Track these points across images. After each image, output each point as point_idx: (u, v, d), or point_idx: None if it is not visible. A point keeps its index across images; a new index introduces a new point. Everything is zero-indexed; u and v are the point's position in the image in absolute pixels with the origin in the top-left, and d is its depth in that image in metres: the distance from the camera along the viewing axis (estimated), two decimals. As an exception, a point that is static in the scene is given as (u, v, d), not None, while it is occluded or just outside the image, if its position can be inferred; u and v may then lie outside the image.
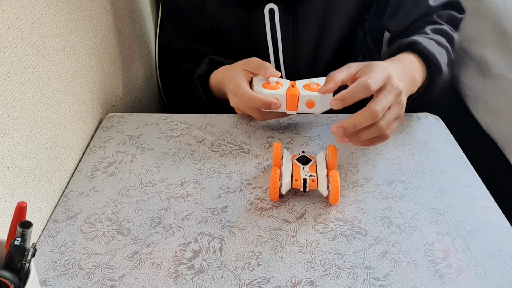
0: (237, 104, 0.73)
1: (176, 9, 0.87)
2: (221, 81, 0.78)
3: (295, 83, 0.71)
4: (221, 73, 0.79)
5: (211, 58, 0.83)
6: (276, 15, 0.80)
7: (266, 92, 0.69)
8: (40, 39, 0.59)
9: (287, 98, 0.68)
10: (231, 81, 0.72)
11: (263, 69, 0.69)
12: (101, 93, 0.79)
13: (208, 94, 0.85)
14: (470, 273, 0.52)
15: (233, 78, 0.72)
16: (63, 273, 0.52)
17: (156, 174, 0.67)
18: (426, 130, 0.74)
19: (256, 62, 0.71)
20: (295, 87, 0.69)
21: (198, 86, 0.84)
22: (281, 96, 0.68)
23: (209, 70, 0.83)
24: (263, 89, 0.69)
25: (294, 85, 0.70)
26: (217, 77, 0.80)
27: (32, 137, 0.57)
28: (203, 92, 0.84)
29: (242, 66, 0.73)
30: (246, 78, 0.71)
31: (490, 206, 0.60)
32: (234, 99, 0.72)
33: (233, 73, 0.73)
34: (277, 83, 0.70)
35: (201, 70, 0.83)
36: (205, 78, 0.84)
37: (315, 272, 0.52)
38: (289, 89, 0.69)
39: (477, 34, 1.03)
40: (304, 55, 0.85)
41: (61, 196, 0.63)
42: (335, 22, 0.83)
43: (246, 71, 0.72)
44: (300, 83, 0.70)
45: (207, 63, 0.83)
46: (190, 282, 0.51)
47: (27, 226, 0.38)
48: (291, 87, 0.69)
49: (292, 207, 0.61)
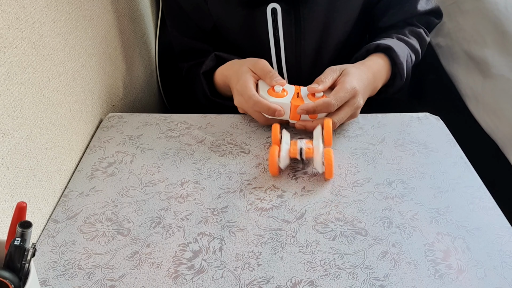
0: (241, 104, 0.74)
1: (178, 8, 0.87)
2: (227, 76, 0.79)
3: (300, 90, 0.72)
4: (228, 68, 0.79)
5: (216, 54, 0.83)
6: (279, 14, 0.80)
7: (271, 100, 0.71)
8: (40, 39, 0.59)
9: (291, 107, 0.70)
10: (238, 80, 0.73)
11: (269, 77, 0.71)
12: (101, 93, 0.79)
13: (213, 91, 0.85)
14: (470, 273, 0.52)
15: (240, 78, 0.73)
16: (63, 273, 0.52)
17: (156, 174, 0.67)
18: (426, 130, 0.74)
19: (263, 68, 0.73)
20: (300, 97, 0.72)
21: (203, 82, 0.84)
22: (286, 105, 0.70)
23: (214, 66, 0.84)
24: (268, 96, 0.71)
25: (299, 93, 0.72)
26: (223, 72, 0.81)
27: (32, 137, 0.57)
28: (208, 89, 0.84)
29: (250, 66, 0.74)
30: (253, 79, 0.73)
31: (490, 206, 0.60)
32: (239, 99, 0.73)
33: (240, 72, 0.74)
34: (282, 90, 0.72)
35: (206, 66, 0.83)
36: (210, 75, 0.85)
37: (315, 272, 0.52)
38: (294, 98, 0.71)
39: (477, 34, 1.03)
40: (306, 55, 0.85)
41: (61, 196, 0.63)
42: (338, 22, 0.83)
43: (253, 72, 0.73)
44: (305, 91, 0.72)
45: (213, 59, 0.83)
46: (190, 282, 0.51)
47: (27, 226, 0.38)
48: (295, 96, 0.72)
49: (292, 207, 0.61)
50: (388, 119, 0.77)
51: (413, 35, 0.86)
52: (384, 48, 0.80)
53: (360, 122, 0.76)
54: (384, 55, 0.80)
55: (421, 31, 0.87)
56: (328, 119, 0.68)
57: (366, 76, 0.74)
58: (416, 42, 0.86)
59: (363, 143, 0.72)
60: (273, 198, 0.62)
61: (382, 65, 0.80)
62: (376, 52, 0.81)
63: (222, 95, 0.86)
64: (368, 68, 0.77)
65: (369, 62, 0.79)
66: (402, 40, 0.84)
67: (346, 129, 0.75)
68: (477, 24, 1.03)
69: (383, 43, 0.80)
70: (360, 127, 0.75)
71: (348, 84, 0.70)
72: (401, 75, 0.80)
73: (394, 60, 0.79)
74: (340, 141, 0.72)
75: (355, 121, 0.76)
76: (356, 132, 0.74)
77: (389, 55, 0.80)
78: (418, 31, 0.87)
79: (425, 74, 1.38)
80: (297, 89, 0.73)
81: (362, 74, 0.74)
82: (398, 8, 0.85)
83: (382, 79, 0.80)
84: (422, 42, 0.87)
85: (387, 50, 0.80)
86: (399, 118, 0.77)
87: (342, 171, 0.66)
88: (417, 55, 0.86)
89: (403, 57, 0.80)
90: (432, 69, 1.28)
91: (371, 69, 0.77)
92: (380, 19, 0.87)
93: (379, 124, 0.76)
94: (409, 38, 0.85)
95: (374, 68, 0.78)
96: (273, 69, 0.73)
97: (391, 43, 0.80)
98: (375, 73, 0.77)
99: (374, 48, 0.81)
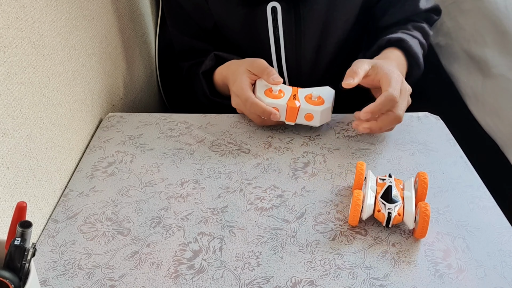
0: (239, 105, 0.75)
1: (178, 7, 0.87)
2: (225, 76, 0.79)
3: (297, 92, 0.72)
4: (226, 69, 0.80)
5: (215, 54, 0.84)
6: (279, 13, 0.81)
7: (267, 101, 0.70)
8: (40, 38, 0.59)
9: (287, 109, 0.70)
10: (235, 82, 0.73)
11: (266, 74, 0.71)
12: (101, 93, 0.79)
13: (213, 90, 0.85)
14: (470, 273, 0.52)
15: (236, 79, 0.73)
16: (63, 273, 0.52)
17: (156, 174, 0.66)
18: (426, 130, 0.74)
19: (261, 66, 0.72)
20: (296, 98, 0.71)
21: (203, 82, 0.84)
22: (282, 106, 0.70)
23: (214, 66, 0.84)
24: (264, 97, 0.71)
25: (296, 95, 0.71)
26: (222, 72, 0.81)
27: (32, 137, 0.57)
28: (208, 88, 0.84)
29: (247, 67, 0.74)
30: (249, 80, 0.73)
31: (490, 206, 0.60)
32: (236, 100, 0.74)
33: (237, 73, 0.74)
34: (279, 91, 0.71)
35: (206, 66, 0.83)
36: (209, 74, 0.85)
37: (315, 272, 0.52)
38: (290, 100, 0.70)
39: (477, 34, 1.03)
40: (306, 54, 0.85)
41: (61, 196, 0.63)
42: (338, 21, 0.83)
43: (250, 72, 0.73)
44: (302, 93, 0.72)
45: (212, 59, 0.84)
46: (190, 282, 0.51)
47: (27, 226, 0.38)
48: (292, 97, 0.71)
49: (292, 206, 0.61)
50: (388, 119, 0.77)
51: (417, 29, 0.87)
52: (396, 41, 0.80)
53: (360, 122, 0.76)
54: (397, 48, 0.80)
55: (424, 25, 0.88)
56: (424, 176, 0.59)
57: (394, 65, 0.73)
58: (421, 35, 0.86)
59: (363, 142, 0.72)
60: (273, 197, 0.62)
61: (399, 56, 0.79)
62: (388, 46, 0.81)
63: (221, 94, 0.86)
64: (390, 60, 0.76)
65: (386, 55, 0.78)
66: (409, 34, 0.84)
67: (346, 129, 0.75)
68: (477, 23, 1.03)
69: (394, 37, 0.80)
70: (360, 126, 0.75)
71: (393, 73, 0.68)
72: (418, 64, 0.80)
73: (409, 51, 0.79)
74: (340, 141, 0.72)
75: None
76: (356, 131, 0.74)
77: (402, 47, 0.80)
78: (421, 25, 0.87)
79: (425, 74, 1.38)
80: (295, 90, 0.73)
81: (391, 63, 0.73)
82: (398, 7, 0.86)
83: (403, 72, 0.79)
84: (426, 35, 0.88)
85: (400, 42, 0.79)
86: (399, 118, 0.77)
87: (342, 171, 0.66)
88: (424, 48, 0.86)
89: (416, 47, 0.80)
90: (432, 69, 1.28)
91: (393, 61, 0.76)
92: (381, 18, 0.87)
93: (379, 123, 0.76)
94: (414, 33, 0.85)
95: (394, 60, 0.77)
96: (271, 67, 0.72)
97: (402, 36, 0.80)
98: (398, 65, 0.76)
99: (385, 42, 0.81)
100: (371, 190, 0.58)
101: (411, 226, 0.55)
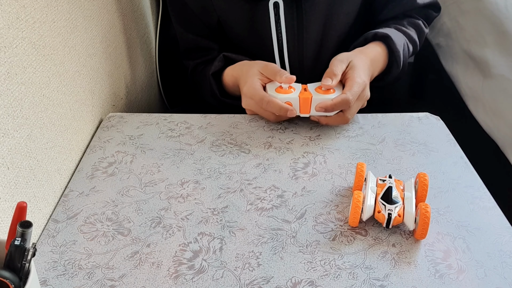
0: (250, 106, 0.76)
1: (182, 4, 0.87)
2: (236, 77, 0.80)
3: (306, 86, 0.74)
4: (238, 70, 0.80)
5: (224, 55, 0.84)
6: (281, 8, 0.81)
7: (280, 97, 0.72)
8: (40, 39, 0.59)
9: (300, 101, 0.72)
10: (246, 83, 0.75)
11: (279, 75, 0.73)
12: (101, 93, 0.79)
13: (222, 91, 0.86)
14: (470, 273, 0.52)
15: (247, 81, 0.74)
16: (63, 273, 0.53)
17: (156, 174, 0.67)
18: (426, 130, 0.74)
19: (273, 69, 0.74)
20: (307, 91, 0.73)
21: (213, 83, 0.85)
22: (294, 100, 0.72)
23: (223, 67, 0.84)
24: (276, 94, 0.72)
25: (306, 89, 0.73)
26: (233, 73, 0.82)
27: (32, 137, 0.57)
28: (218, 90, 0.85)
29: (260, 69, 0.75)
30: (261, 82, 0.74)
31: (490, 206, 0.60)
32: (248, 101, 0.75)
33: (249, 75, 0.75)
34: (289, 87, 0.73)
35: (215, 67, 0.84)
36: (218, 75, 0.85)
37: (315, 272, 0.52)
38: (301, 92, 0.72)
39: (477, 34, 1.03)
40: (309, 48, 0.86)
41: (61, 196, 0.64)
42: (339, 14, 0.84)
43: (262, 75, 0.75)
44: (311, 87, 0.74)
45: (221, 60, 0.84)
46: (190, 282, 0.51)
47: (27, 226, 0.38)
48: (303, 90, 0.73)
49: (292, 207, 0.61)
50: (388, 119, 0.77)
51: (412, 26, 0.88)
52: (381, 36, 0.82)
53: (360, 122, 0.76)
54: (382, 43, 0.82)
55: (420, 22, 0.89)
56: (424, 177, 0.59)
57: (367, 65, 0.76)
58: (415, 32, 0.87)
59: (363, 143, 0.72)
60: (273, 198, 0.62)
61: (380, 52, 0.81)
62: (374, 40, 0.83)
63: (231, 95, 0.86)
64: (366, 55, 0.78)
65: (367, 49, 0.80)
66: (400, 30, 0.86)
67: (346, 129, 0.75)
68: (477, 24, 1.03)
69: (381, 32, 0.81)
70: (360, 127, 0.75)
71: (359, 77, 0.72)
72: (398, 63, 0.82)
73: (391, 48, 0.81)
74: (340, 141, 0.72)
75: (355, 121, 0.76)
76: (356, 132, 0.74)
77: (386, 43, 0.82)
78: (417, 22, 0.88)
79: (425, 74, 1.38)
80: (304, 86, 0.74)
81: (365, 64, 0.76)
82: (397, 1, 0.87)
83: (379, 67, 0.81)
84: (421, 33, 0.89)
85: (385, 38, 0.81)
86: (399, 118, 0.77)
87: (342, 171, 0.66)
88: (415, 45, 0.88)
89: (400, 45, 0.82)
90: (432, 69, 1.28)
91: (369, 56, 0.78)
92: (380, 12, 0.89)
93: (379, 124, 0.76)
94: (407, 29, 0.87)
95: (371, 55, 0.79)
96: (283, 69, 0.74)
97: (389, 32, 0.81)
98: (372, 60, 0.78)
99: (372, 36, 0.82)
100: (371, 191, 0.58)
101: (412, 227, 0.55)
